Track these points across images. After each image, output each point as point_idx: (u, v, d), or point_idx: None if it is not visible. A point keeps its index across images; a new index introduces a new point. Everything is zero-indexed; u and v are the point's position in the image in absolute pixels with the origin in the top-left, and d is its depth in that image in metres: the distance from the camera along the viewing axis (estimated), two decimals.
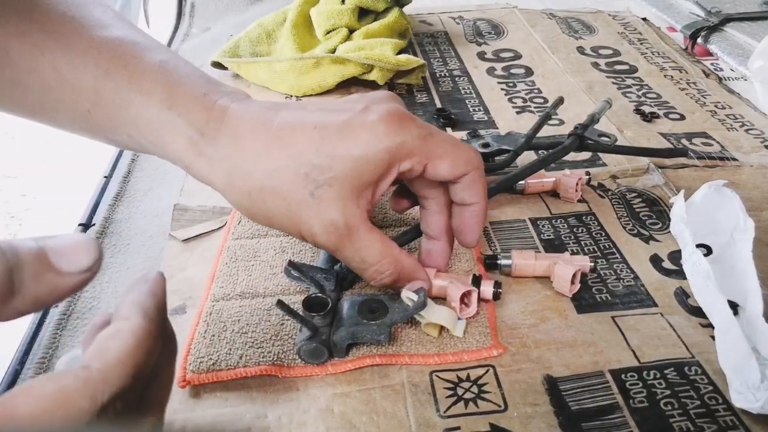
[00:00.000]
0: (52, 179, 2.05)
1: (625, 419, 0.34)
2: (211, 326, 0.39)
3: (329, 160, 0.33)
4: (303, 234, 0.34)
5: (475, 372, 0.36)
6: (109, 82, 0.34)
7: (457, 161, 0.35)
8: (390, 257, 0.36)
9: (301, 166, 0.33)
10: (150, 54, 0.35)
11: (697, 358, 0.37)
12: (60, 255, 0.22)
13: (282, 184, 0.33)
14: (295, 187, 0.33)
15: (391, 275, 0.36)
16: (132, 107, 0.34)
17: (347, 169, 0.33)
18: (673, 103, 0.67)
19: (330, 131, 0.33)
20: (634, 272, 0.44)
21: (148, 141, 0.35)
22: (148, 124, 0.34)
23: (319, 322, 0.36)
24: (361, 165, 0.33)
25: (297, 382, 0.36)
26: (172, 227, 0.49)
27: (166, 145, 0.34)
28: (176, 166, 0.36)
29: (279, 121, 0.34)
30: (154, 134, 0.34)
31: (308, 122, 0.34)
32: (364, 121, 0.33)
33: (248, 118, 0.34)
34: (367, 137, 0.33)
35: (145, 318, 0.24)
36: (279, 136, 0.33)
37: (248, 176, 0.33)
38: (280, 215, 0.34)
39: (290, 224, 0.34)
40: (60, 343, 0.40)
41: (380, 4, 0.76)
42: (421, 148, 0.34)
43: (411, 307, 0.37)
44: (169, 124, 0.34)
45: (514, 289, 0.42)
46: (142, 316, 0.24)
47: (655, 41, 0.82)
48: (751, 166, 0.56)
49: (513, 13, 0.91)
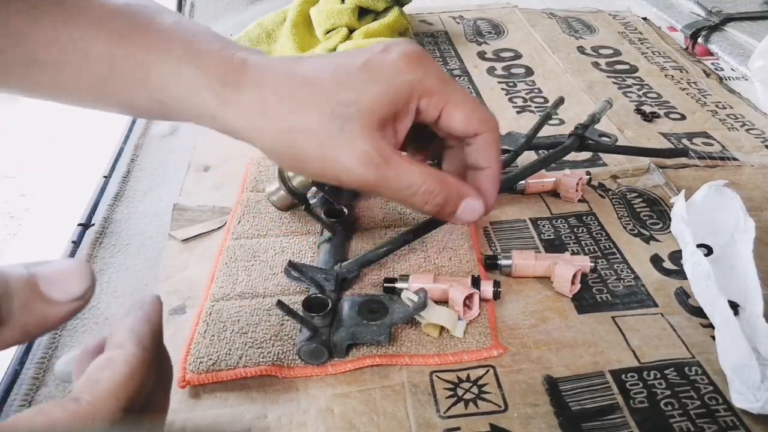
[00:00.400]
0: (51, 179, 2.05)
1: (625, 419, 0.34)
2: (210, 326, 0.39)
3: (353, 93, 0.33)
4: (338, 172, 0.34)
5: (475, 372, 0.36)
6: (125, 46, 0.34)
7: (473, 116, 0.35)
8: (435, 176, 0.34)
9: (327, 104, 0.33)
10: (161, 16, 0.35)
11: (698, 358, 0.37)
12: (51, 282, 0.21)
13: (311, 121, 0.33)
14: (324, 123, 0.33)
15: (441, 193, 0.34)
16: (151, 68, 0.34)
17: (370, 101, 0.33)
18: (674, 102, 0.67)
19: (351, 69, 0.34)
20: (634, 272, 0.44)
21: (169, 99, 0.35)
22: (168, 82, 0.34)
23: (319, 322, 0.36)
24: (383, 96, 0.33)
25: (297, 383, 0.36)
26: (171, 227, 0.49)
27: (190, 99, 0.34)
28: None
29: (300, 66, 0.34)
30: (175, 91, 0.34)
31: (330, 64, 0.34)
32: (385, 58, 0.34)
33: (270, 67, 0.34)
34: (388, 72, 0.33)
35: (139, 346, 0.23)
36: (302, 78, 0.34)
37: (277, 117, 0.33)
38: (313, 156, 0.34)
39: (324, 164, 0.34)
40: (60, 344, 0.40)
41: (380, 4, 0.76)
42: (440, 88, 0.34)
43: (411, 308, 0.37)
44: (190, 79, 0.34)
45: (515, 290, 0.42)
46: (136, 344, 0.23)
47: (655, 41, 0.82)
48: (752, 166, 0.56)
49: (513, 12, 0.91)
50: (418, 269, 0.43)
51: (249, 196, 0.51)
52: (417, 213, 0.48)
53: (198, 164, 0.57)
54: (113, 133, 0.67)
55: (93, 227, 0.50)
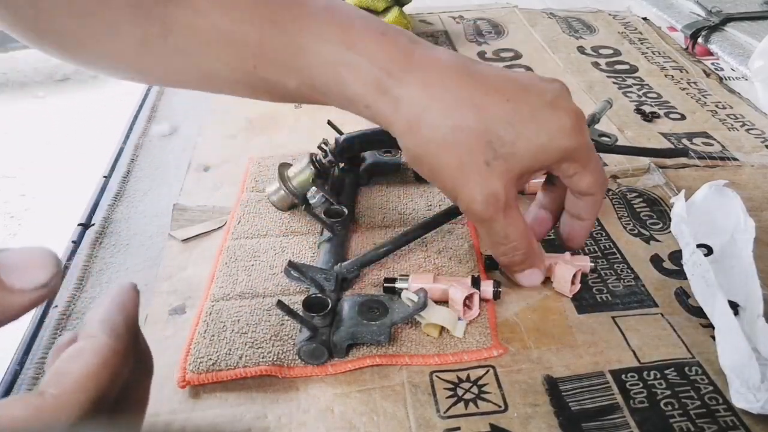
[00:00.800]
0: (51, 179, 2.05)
1: (625, 419, 0.34)
2: (210, 326, 0.39)
3: (515, 136, 0.33)
4: (460, 197, 0.35)
5: (475, 372, 0.36)
6: (278, 32, 0.33)
7: (597, 182, 0.37)
8: (528, 239, 0.37)
9: (487, 134, 0.33)
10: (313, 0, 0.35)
11: (698, 359, 0.37)
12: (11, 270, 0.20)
13: (463, 143, 0.33)
14: (475, 150, 0.33)
15: (523, 255, 0.38)
16: (306, 53, 0.33)
17: (526, 151, 0.34)
18: (674, 102, 0.67)
19: (523, 110, 0.34)
20: (634, 272, 0.44)
21: (323, 84, 0.34)
22: (324, 68, 0.34)
23: (319, 322, 0.36)
24: (540, 153, 0.34)
25: (297, 383, 0.36)
26: (171, 227, 0.49)
27: (346, 86, 0.34)
28: None
29: (476, 75, 0.34)
30: (330, 77, 0.34)
31: (503, 90, 0.34)
32: (556, 115, 0.34)
33: (440, 64, 0.34)
34: (555, 130, 0.34)
35: (111, 335, 0.21)
36: (472, 94, 0.34)
37: (433, 127, 0.33)
38: (448, 173, 0.34)
39: (454, 184, 0.35)
40: None
41: (380, 4, 0.76)
42: (586, 157, 0.35)
43: (411, 308, 0.37)
44: (350, 64, 0.33)
45: (515, 289, 0.42)
46: (107, 333, 0.21)
47: (655, 41, 0.82)
48: (752, 166, 0.56)
49: (513, 12, 0.91)
50: (418, 269, 0.43)
51: (249, 196, 0.51)
52: (417, 213, 0.48)
53: (198, 164, 0.57)
54: (113, 133, 0.67)
55: (93, 227, 0.50)
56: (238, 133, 0.62)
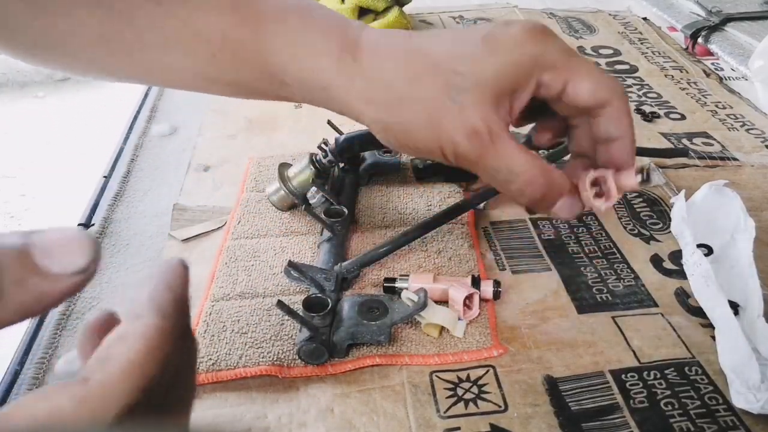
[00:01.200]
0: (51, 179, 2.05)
1: (625, 419, 0.34)
2: (210, 326, 0.39)
3: (470, 65, 0.32)
4: (443, 144, 0.33)
5: (475, 372, 0.36)
6: (237, 19, 0.33)
7: (601, 85, 0.32)
8: (539, 166, 0.32)
9: (442, 74, 0.32)
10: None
11: (698, 359, 0.37)
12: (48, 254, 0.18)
13: (422, 91, 0.32)
14: (436, 94, 0.32)
15: (542, 187, 0.33)
16: (265, 38, 0.34)
17: (488, 75, 0.32)
18: (674, 102, 0.67)
19: (470, 41, 0.33)
20: (634, 272, 0.44)
21: (280, 69, 0.34)
22: (282, 52, 0.34)
23: (319, 322, 0.36)
24: (502, 70, 0.32)
25: (297, 382, 0.36)
26: (171, 227, 0.49)
27: (304, 66, 0.34)
28: None
29: (416, 38, 0.34)
30: (289, 59, 0.34)
31: (447, 36, 0.34)
32: (506, 31, 0.33)
33: (386, 37, 0.34)
34: (509, 44, 0.32)
35: (159, 315, 0.19)
36: (418, 48, 0.33)
37: (388, 88, 0.33)
38: (420, 126, 0.33)
39: (430, 135, 0.33)
40: (59, 344, 0.40)
41: (380, 4, 0.76)
42: (564, 61, 0.33)
43: (411, 308, 0.37)
44: (308, 46, 0.33)
45: (515, 290, 0.42)
46: (155, 313, 0.19)
47: (655, 41, 0.82)
48: (752, 165, 0.56)
49: (513, 12, 0.91)
50: (418, 269, 0.43)
51: (249, 196, 0.51)
52: (417, 213, 0.48)
53: (198, 164, 0.57)
54: (113, 133, 0.67)
55: (93, 227, 0.50)
56: (238, 133, 0.62)
